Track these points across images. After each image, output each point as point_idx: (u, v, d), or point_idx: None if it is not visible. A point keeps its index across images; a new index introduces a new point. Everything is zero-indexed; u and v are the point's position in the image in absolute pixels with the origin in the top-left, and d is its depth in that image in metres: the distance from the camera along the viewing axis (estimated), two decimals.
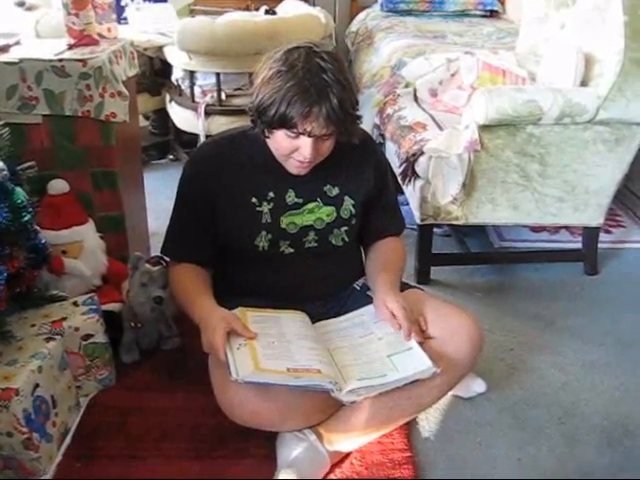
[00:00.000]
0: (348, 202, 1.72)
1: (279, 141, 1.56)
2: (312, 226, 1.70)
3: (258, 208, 1.67)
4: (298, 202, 1.69)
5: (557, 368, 2.05)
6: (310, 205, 1.70)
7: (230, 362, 1.47)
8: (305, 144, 1.53)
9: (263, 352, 1.50)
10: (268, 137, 1.59)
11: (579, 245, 2.66)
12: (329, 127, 1.50)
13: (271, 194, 1.68)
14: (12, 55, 2.00)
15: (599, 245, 2.60)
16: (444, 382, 1.63)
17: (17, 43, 2.12)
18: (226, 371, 1.45)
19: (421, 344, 1.59)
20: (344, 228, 1.73)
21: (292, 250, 1.71)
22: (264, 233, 1.67)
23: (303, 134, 1.51)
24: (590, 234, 2.57)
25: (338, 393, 1.46)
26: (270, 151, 1.64)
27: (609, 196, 2.40)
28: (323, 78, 1.47)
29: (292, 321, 1.65)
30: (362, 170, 1.74)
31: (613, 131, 2.25)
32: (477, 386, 1.89)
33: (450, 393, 1.75)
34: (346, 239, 1.74)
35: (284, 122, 1.49)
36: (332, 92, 1.46)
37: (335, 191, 1.71)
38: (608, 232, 2.87)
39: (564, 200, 2.37)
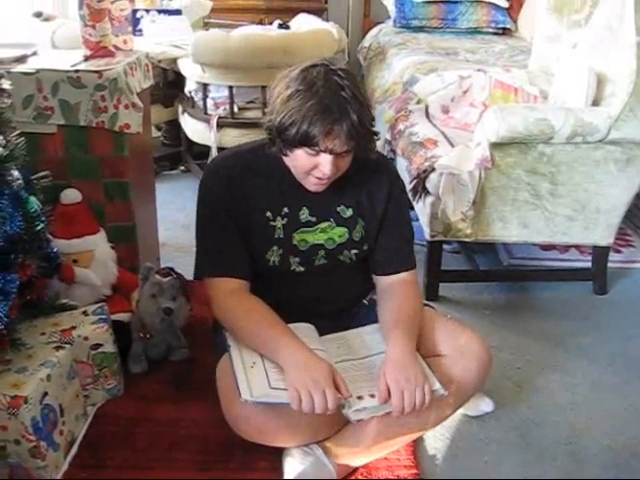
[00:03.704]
0: (361, 224, 1.71)
1: (299, 159, 1.55)
2: (323, 245, 1.69)
3: (272, 222, 1.67)
4: (311, 220, 1.69)
5: (565, 388, 2.04)
6: (323, 224, 1.69)
7: (241, 381, 1.47)
8: (325, 161, 1.52)
9: (275, 370, 1.51)
10: (286, 155, 1.58)
11: (588, 264, 2.65)
12: (350, 144, 1.50)
13: (286, 209, 1.67)
14: (29, 65, 2.03)
15: (608, 264, 2.59)
16: (452, 402, 1.63)
17: (34, 54, 2.15)
18: (235, 389, 1.46)
19: (428, 363, 1.59)
20: (354, 251, 1.71)
21: (302, 268, 1.70)
22: (275, 248, 1.67)
23: (324, 152, 1.50)
24: (600, 253, 2.57)
25: (347, 410, 1.46)
26: (286, 167, 1.63)
27: (619, 215, 2.40)
28: (342, 95, 1.47)
29: (300, 334, 1.63)
30: (376, 193, 1.71)
31: (624, 151, 2.25)
32: (485, 405, 1.89)
33: (457, 411, 1.74)
34: (354, 259, 1.73)
35: (306, 141, 1.49)
36: (352, 109, 1.47)
37: (349, 213, 1.70)
38: (618, 251, 2.86)
39: (574, 219, 2.37)
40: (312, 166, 1.54)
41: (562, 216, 2.36)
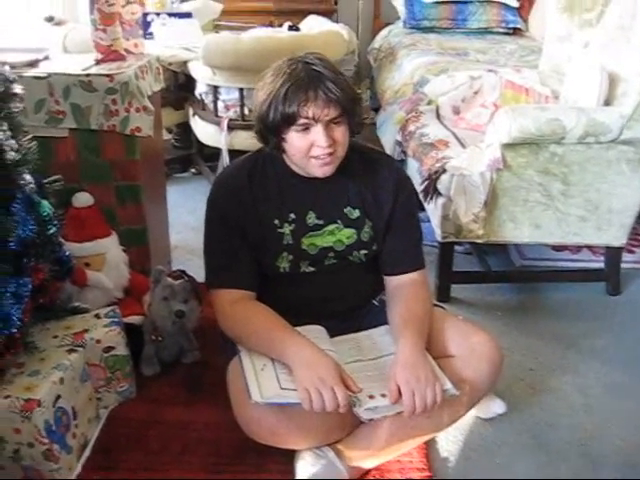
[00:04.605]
0: (369, 225, 1.71)
1: (293, 142, 1.55)
2: (332, 248, 1.69)
3: (280, 230, 1.67)
4: (319, 223, 1.68)
5: (578, 389, 2.03)
6: (330, 227, 1.68)
7: (251, 384, 1.48)
8: (317, 133, 1.52)
9: (285, 372, 1.51)
10: (283, 149, 1.59)
11: (601, 265, 2.63)
12: (331, 107, 1.51)
13: (292, 215, 1.67)
14: (41, 70, 2.04)
15: (621, 265, 2.58)
16: (464, 403, 1.62)
17: (46, 58, 2.16)
18: (246, 391, 1.47)
19: (439, 364, 1.59)
20: (363, 251, 1.71)
21: (312, 269, 1.70)
22: (285, 254, 1.67)
23: (310, 123, 1.51)
24: (613, 254, 2.55)
25: (358, 409, 1.46)
26: (290, 171, 1.65)
27: (632, 216, 2.38)
28: (312, 69, 1.52)
29: (311, 336, 1.63)
30: (382, 192, 1.70)
31: (637, 151, 2.24)
32: (497, 407, 1.88)
33: (470, 413, 1.74)
34: (363, 260, 1.73)
35: (287, 118, 1.51)
36: (324, 76, 1.51)
37: (356, 213, 1.69)
38: (631, 252, 2.84)
39: (587, 219, 2.36)
40: (308, 145, 1.54)
41: (574, 216, 2.35)
